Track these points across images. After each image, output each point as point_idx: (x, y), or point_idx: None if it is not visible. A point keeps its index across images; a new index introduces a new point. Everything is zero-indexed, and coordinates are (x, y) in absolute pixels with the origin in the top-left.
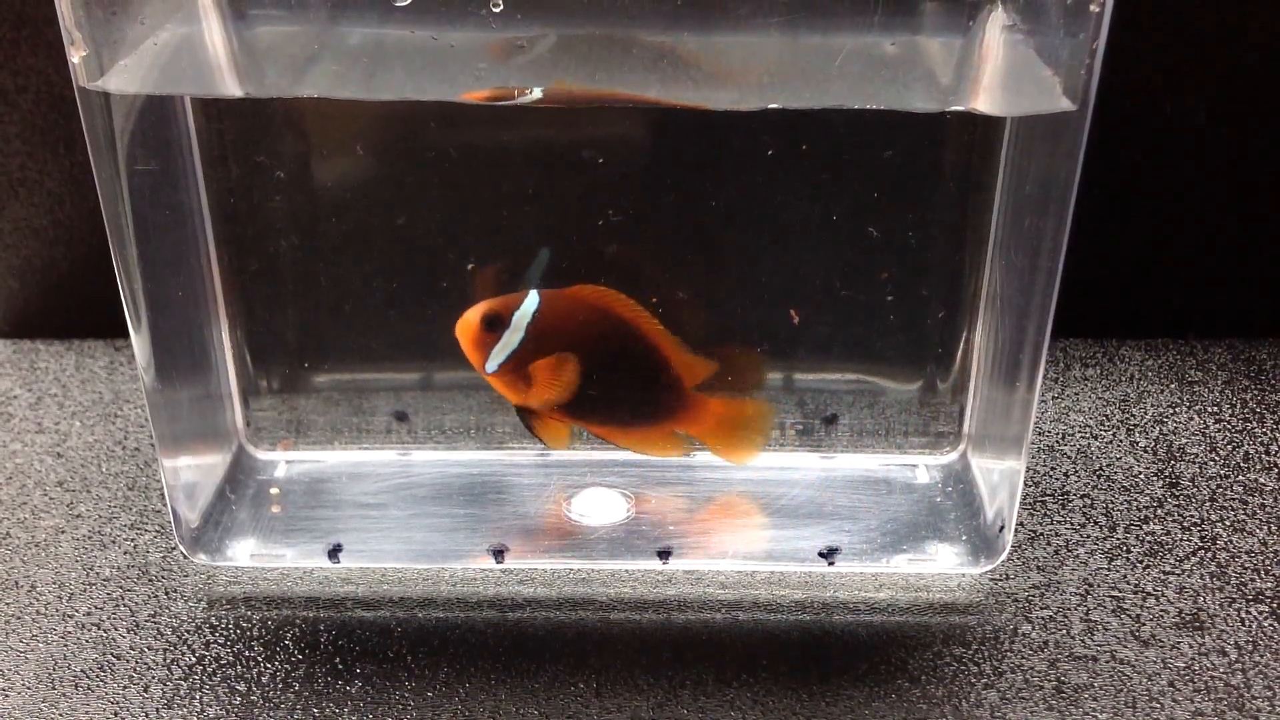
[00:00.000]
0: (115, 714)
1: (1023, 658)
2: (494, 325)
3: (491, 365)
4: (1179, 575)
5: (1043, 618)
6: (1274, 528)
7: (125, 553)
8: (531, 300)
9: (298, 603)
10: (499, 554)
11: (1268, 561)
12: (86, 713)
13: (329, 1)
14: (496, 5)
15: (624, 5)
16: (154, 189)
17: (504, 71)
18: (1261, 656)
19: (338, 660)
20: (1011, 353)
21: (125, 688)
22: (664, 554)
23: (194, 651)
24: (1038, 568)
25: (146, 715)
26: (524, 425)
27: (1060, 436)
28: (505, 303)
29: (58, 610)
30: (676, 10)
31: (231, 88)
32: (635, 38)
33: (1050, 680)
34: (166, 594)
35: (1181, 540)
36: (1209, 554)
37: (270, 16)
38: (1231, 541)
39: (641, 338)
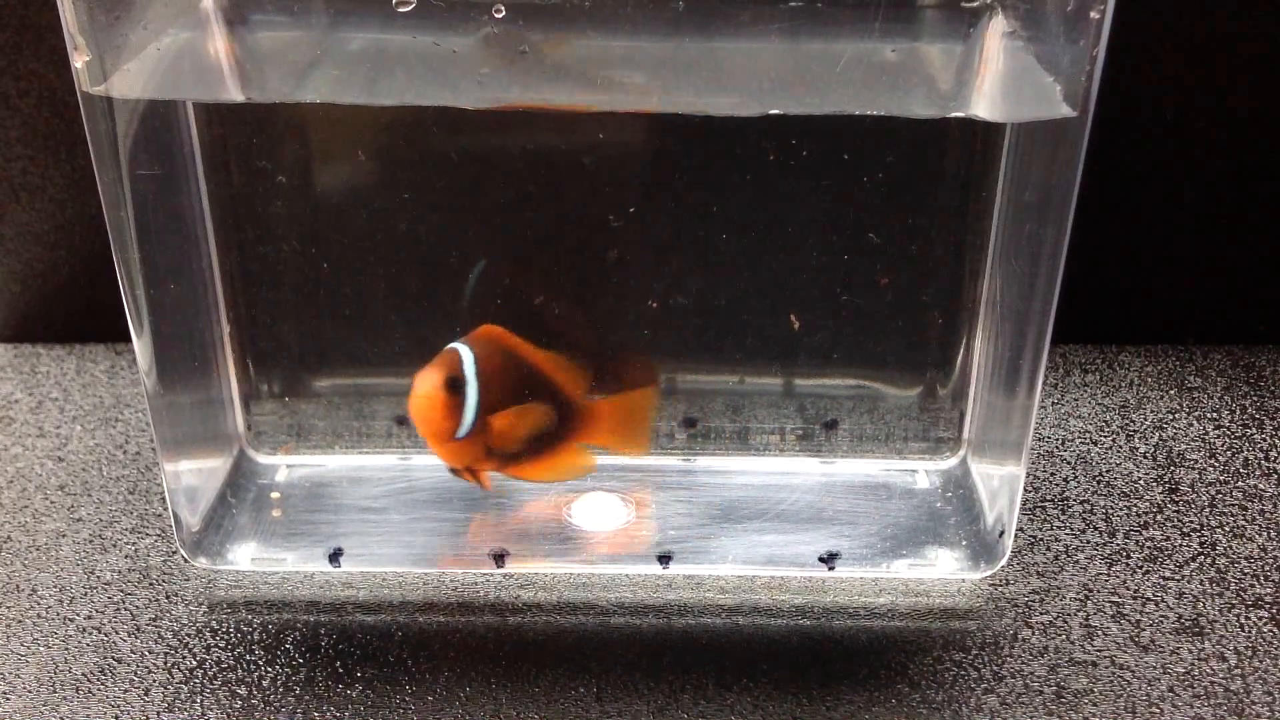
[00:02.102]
0: (116, 717)
1: (1022, 663)
2: (458, 387)
3: (464, 429)
4: (1178, 581)
5: (1042, 623)
6: (1273, 533)
7: (126, 557)
8: (466, 352)
9: (298, 607)
10: (499, 558)
11: (1267, 567)
12: (87, 716)
13: (331, 7)
14: (499, 10)
15: (625, 12)
16: (156, 193)
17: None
18: (1261, 662)
19: (338, 664)
20: (1011, 358)
21: (126, 691)
22: (664, 559)
23: (195, 655)
24: (1037, 573)
25: (147, 719)
26: (466, 476)
27: (1060, 442)
28: (450, 364)
29: (59, 614)
30: (678, 16)
31: (233, 93)
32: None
33: (1050, 685)
34: (167, 598)
35: (1181, 546)
36: (1208, 559)
37: (272, 22)
38: (1231, 547)
39: (534, 367)
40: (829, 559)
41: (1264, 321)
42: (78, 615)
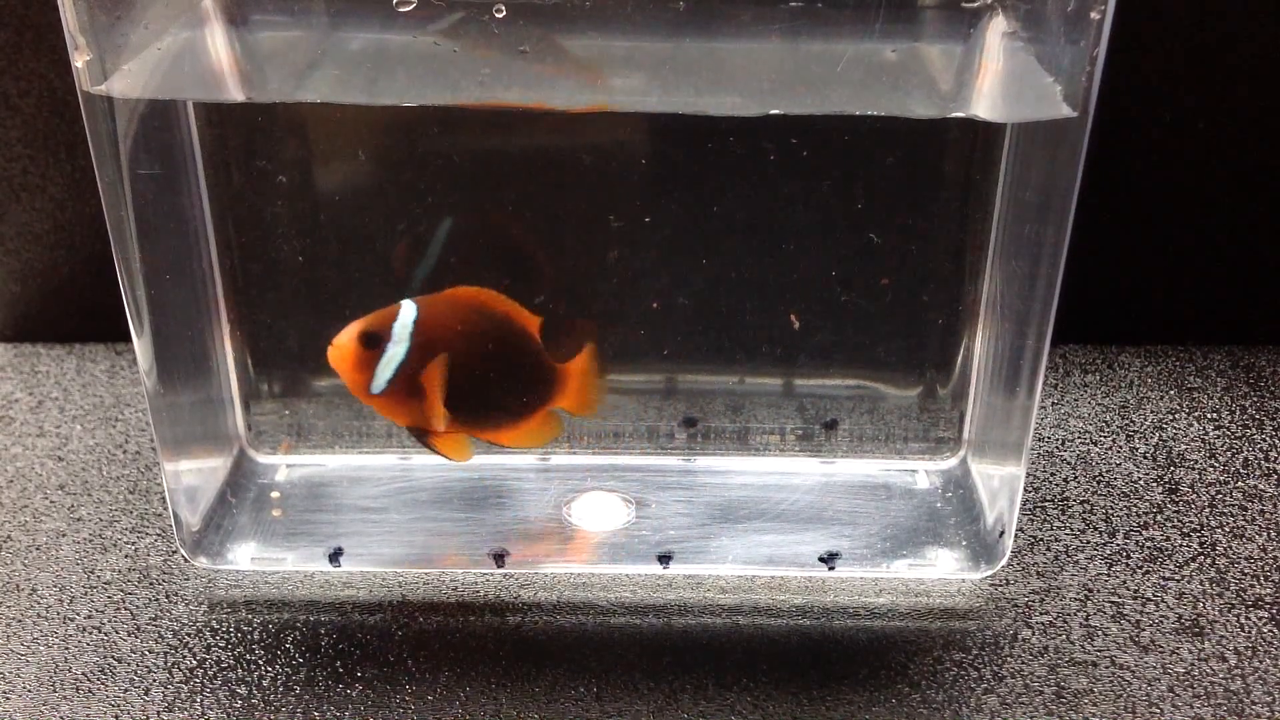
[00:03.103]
0: (116, 717)
1: (1023, 663)
2: (373, 342)
3: (377, 385)
4: (1178, 581)
5: (1042, 623)
6: (1273, 534)
7: (126, 556)
8: (409, 310)
9: (298, 606)
10: (500, 558)
11: (1267, 567)
12: (87, 715)
13: (331, 7)
14: (499, 10)
15: (626, 12)
16: (156, 193)
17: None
18: (1261, 662)
19: (338, 664)
20: (1012, 359)
21: (126, 691)
22: (664, 558)
23: (195, 655)
24: (1037, 573)
25: (147, 718)
26: (421, 444)
27: (1060, 442)
28: (381, 318)
29: (59, 613)
30: (678, 17)
31: (234, 93)
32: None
33: (1050, 685)
34: (167, 597)
35: (1181, 546)
36: (1208, 560)
37: (273, 22)
38: (1231, 547)
39: (518, 328)
40: (829, 559)
41: (1264, 322)
42: (78, 615)
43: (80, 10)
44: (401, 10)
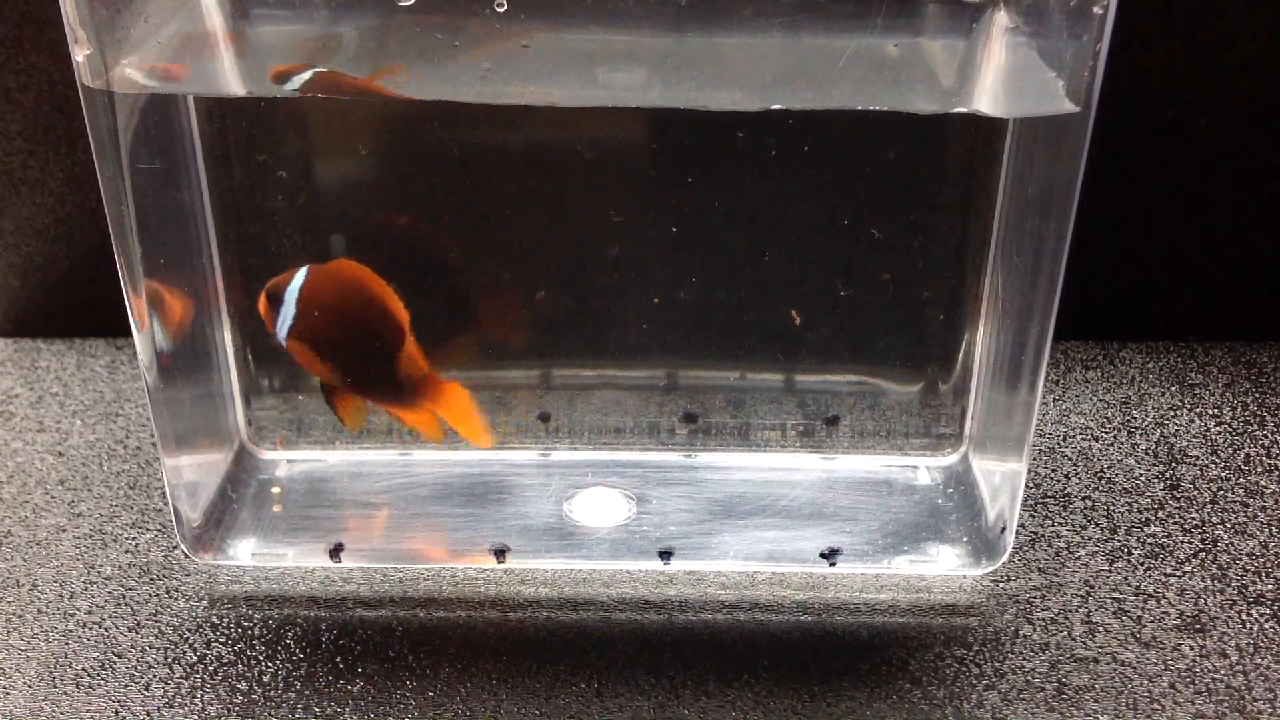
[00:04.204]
0: (116, 713)
1: (1024, 659)
2: (274, 300)
3: (279, 336)
4: (1180, 577)
5: (1044, 619)
6: (1275, 530)
7: (126, 551)
8: (300, 275)
9: (299, 602)
10: (500, 554)
11: (1268, 564)
12: (88, 711)
13: (332, 1)
14: (500, 5)
15: (627, 6)
16: (156, 188)
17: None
18: (1262, 659)
19: (339, 659)
20: (1013, 355)
21: (126, 686)
22: (665, 554)
23: (195, 650)
24: (1039, 569)
25: (148, 714)
26: (326, 401)
27: (1061, 438)
28: (284, 279)
29: (59, 609)
30: (679, 11)
31: (234, 86)
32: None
33: (1051, 682)
34: (168, 593)
35: (1182, 542)
36: (1210, 556)
37: (273, 15)
38: (1232, 544)
39: (388, 315)
40: (830, 555)
41: (1266, 318)
42: (78, 610)
43: (80, 4)
44: (402, 4)
